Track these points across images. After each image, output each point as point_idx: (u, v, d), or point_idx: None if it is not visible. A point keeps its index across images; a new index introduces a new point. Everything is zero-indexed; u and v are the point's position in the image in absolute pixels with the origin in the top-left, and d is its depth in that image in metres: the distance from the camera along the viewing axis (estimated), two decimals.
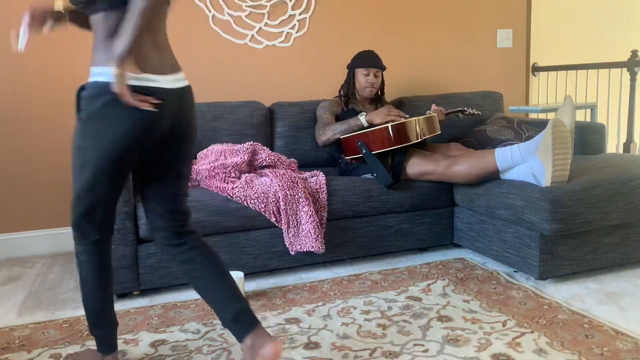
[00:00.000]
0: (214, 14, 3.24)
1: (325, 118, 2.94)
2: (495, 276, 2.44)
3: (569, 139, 2.27)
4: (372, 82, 2.98)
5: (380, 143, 2.64)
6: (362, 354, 1.78)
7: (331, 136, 2.82)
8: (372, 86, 2.98)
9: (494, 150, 2.51)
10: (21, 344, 1.94)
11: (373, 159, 2.65)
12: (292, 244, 2.45)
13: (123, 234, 2.27)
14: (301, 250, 2.45)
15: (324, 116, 2.96)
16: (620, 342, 1.80)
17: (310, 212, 2.43)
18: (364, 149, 2.66)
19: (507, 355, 1.74)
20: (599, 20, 4.49)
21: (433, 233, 2.79)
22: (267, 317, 2.09)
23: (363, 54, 3.00)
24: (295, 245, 2.44)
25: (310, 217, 2.42)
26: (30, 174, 3.03)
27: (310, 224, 2.42)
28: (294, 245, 2.45)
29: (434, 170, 2.65)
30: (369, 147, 2.66)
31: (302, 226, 2.44)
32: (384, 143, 2.64)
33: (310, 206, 2.43)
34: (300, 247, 2.44)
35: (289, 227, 2.44)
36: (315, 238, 2.43)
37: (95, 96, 1.46)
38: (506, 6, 3.90)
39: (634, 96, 3.53)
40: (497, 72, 3.95)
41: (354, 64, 3.01)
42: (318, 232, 2.43)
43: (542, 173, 2.31)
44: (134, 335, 1.98)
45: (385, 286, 2.37)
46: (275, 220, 2.44)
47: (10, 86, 2.94)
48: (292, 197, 2.43)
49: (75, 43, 3.01)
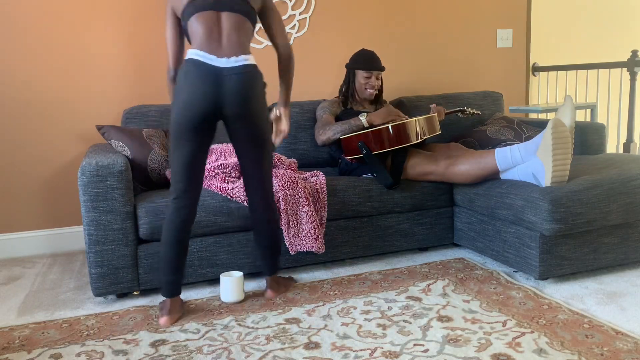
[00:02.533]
0: None
1: (325, 118, 2.94)
2: (495, 276, 2.44)
3: (569, 139, 2.27)
4: (374, 84, 2.98)
5: (381, 143, 2.64)
6: (362, 354, 1.78)
7: (331, 136, 2.82)
8: (374, 89, 2.98)
9: (494, 150, 2.51)
10: (21, 344, 1.94)
11: (373, 159, 2.65)
12: (293, 244, 2.45)
13: (123, 234, 2.27)
14: (301, 250, 2.45)
15: (323, 116, 2.96)
16: (620, 342, 1.80)
17: (310, 212, 2.43)
18: (364, 149, 2.66)
19: (507, 355, 1.74)
20: (599, 20, 4.50)
21: (433, 233, 2.79)
22: (267, 317, 2.09)
23: (364, 56, 2.98)
24: (295, 245, 2.45)
25: (310, 217, 2.42)
26: (30, 174, 3.03)
27: (310, 224, 2.42)
28: (294, 245, 2.45)
29: (434, 170, 2.65)
30: (369, 147, 2.66)
31: (302, 226, 2.44)
32: (384, 143, 2.63)
33: (310, 206, 2.43)
34: (300, 247, 2.44)
35: (289, 227, 2.44)
36: (316, 238, 2.43)
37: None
38: (506, 6, 3.90)
39: (634, 96, 3.53)
40: (497, 72, 3.95)
41: (354, 64, 3.00)
42: (318, 232, 2.43)
43: (542, 173, 2.31)
44: (134, 335, 1.98)
45: (385, 286, 2.37)
46: None
47: (10, 86, 2.95)
48: (292, 197, 2.43)
49: (76, 43, 3.01)
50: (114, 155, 2.35)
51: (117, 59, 3.08)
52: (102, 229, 2.25)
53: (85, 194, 2.22)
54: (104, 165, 2.23)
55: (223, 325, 2.04)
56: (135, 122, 2.86)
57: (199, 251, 2.40)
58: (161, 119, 2.89)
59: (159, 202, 2.34)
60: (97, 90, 3.07)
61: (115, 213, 2.25)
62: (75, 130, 3.07)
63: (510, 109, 3.72)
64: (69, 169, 3.09)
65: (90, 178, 2.21)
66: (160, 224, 2.31)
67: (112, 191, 2.24)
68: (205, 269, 2.43)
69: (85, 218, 2.24)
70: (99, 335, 1.99)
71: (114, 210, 2.25)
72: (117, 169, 2.24)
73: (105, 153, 2.42)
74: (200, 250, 2.40)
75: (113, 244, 2.27)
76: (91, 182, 2.21)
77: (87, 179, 2.21)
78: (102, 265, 2.27)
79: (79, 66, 3.03)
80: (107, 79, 3.08)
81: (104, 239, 2.25)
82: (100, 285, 2.28)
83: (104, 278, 2.28)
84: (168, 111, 2.93)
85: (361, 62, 2.97)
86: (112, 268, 2.28)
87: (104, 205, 2.24)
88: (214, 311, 2.18)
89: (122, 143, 2.53)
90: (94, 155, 2.37)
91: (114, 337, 1.97)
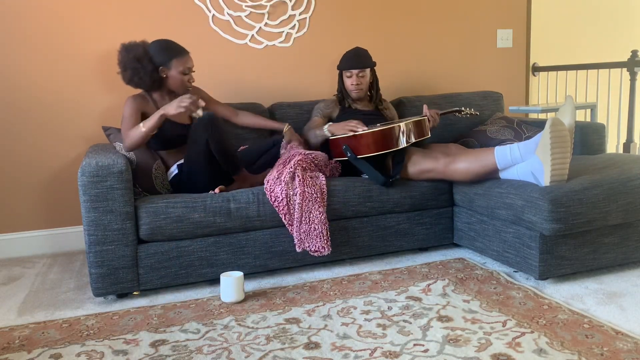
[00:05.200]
0: (214, 14, 3.24)
1: (313, 121, 2.98)
2: (495, 276, 2.44)
3: (568, 138, 2.27)
4: (356, 83, 2.94)
5: (364, 148, 2.64)
6: (362, 354, 1.78)
7: (311, 139, 2.89)
8: (357, 87, 2.95)
9: (494, 149, 2.51)
10: (21, 344, 1.94)
11: (359, 162, 2.66)
12: (302, 241, 2.44)
13: (123, 234, 2.27)
14: (309, 249, 2.45)
15: (313, 118, 2.99)
16: (620, 342, 1.80)
17: (324, 212, 2.46)
18: (349, 152, 2.66)
19: (507, 355, 1.74)
20: (599, 20, 4.50)
21: (433, 233, 2.79)
22: (267, 317, 2.09)
23: (346, 55, 2.96)
24: (304, 242, 2.44)
25: (324, 218, 2.45)
26: (30, 174, 3.03)
27: (323, 225, 2.44)
28: (304, 242, 2.44)
29: (433, 168, 2.65)
30: (354, 150, 2.66)
31: (315, 225, 2.44)
32: (368, 148, 2.64)
33: (324, 207, 2.47)
34: (309, 246, 2.45)
35: (302, 223, 2.43)
36: (326, 239, 2.45)
37: None
38: (506, 6, 3.90)
39: (634, 96, 3.53)
40: (497, 72, 3.95)
41: (339, 65, 2.99)
42: (327, 234, 2.45)
43: (542, 172, 2.31)
44: (134, 335, 1.98)
45: (385, 286, 2.37)
46: (285, 214, 2.44)
47: (10, 86, 2.95)
48: (309, 195, 2.44)
49: (75, 43, 3.01)
50: (114, 156, 2.35)
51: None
52: (102, 229, 2.25)
53: (85, 194, 2.22)
54: (104, 166, 2.23)
55: (223, 325, 2.04)
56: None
57: (199, 251, 2.40)
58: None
59: (160, 202, 2.34)
60: (97, 90, 3.07)
61: (115, 213, 2.25)
62: (75, 131, 3.07)
63: (510, 109, 3.72)
64: (69, 169, 3.09)
65: (91, 178, 2.21)
66: (160, 224, 2.31)
67: (112, 191, 2.24)
68: (205, 269, 2.43)
69: (85, 218, 2.24)
70: (99, 335, 1.99)
71: (114, 210, 2.25)
72: (117, 169, 2.25)
73: (106, 153, 2.42)
74: (200, 250, 2.40)
75: (113, 244, 2.27)
76: (91, 182, 2.21)
77: (87, 179, 2.21)
78: (102, 265, 2.27)
79: (80, 66, 3.03)
80: (108, 79, 3.08)
81: (104, 239, 2.25)
82: (100, 285, 2.28)
83: (104, 278, 2.28)
84: None
85: (343, 62, 2.96)
86: (112, 268, 2.28)
87: (104, 205, 2.24)
88: (214, 311, 2.18)
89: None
90: (94, 156, 2.37)
91: (114, 337, 1.97)
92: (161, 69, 2.59)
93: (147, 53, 2.56)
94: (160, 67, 2.59)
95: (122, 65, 2.55)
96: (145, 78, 2.54)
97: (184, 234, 2.37)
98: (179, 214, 2.34)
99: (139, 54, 2.53)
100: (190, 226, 2.36)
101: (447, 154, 2.69)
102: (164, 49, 2.59)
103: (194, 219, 2.36)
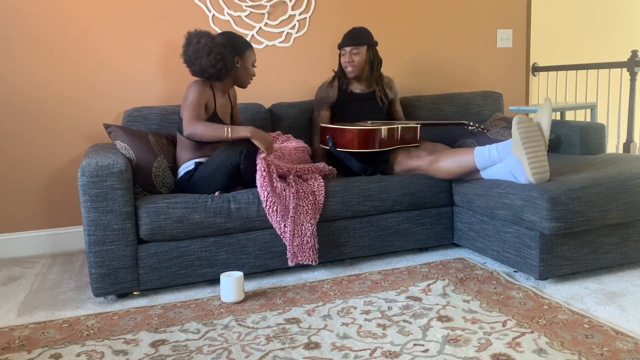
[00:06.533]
0: (214, 14, 3.24)
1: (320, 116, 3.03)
2: (495, 276, 2.44)
3: (538, 132, 2.34)
4: (349, 61, 2.95)
5: (347, 143, 2.74)
6: (362, 354, 1.78)
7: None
8: (351, 65, 2.96)
9: (474, 149, 2.58)
10: (21, 344, 1.94)
11: (338, 152, 2.79)
12: (295, 255, 2.44)
13: (123, 234, 2.27)
14: (302, 262, 2.46)
15: (320, 113, 3.04)
16: (620, 342, 1.80)
17: (315, 226, 2.46)
18: (330, 142, 2.78)
19: (507, 355, 1.74)
20: (599, 20, 4.50)
21: (433, 233, 2.79)
22: (267, 317, 2.09)
23: (344, 34, 3.00)
24: (298, 257, 2.45)
25: (314, 231, 2.46)
26: (30, 174, 3.03)
27: (314, 238, 2.46)
28: (297, 256, 2.45)
29: (418, 167, 2.75)
30: (336, 143, 2.78)
31: (307, 238, 2.44)
32: (350, 143, 2.73)
33: (316, 220, 2.48)
34: (301, 259, 2.46)
35: (294, 236, 2.44)
36: (314, 251, 2.47)
37: None
38: (506, 6, 3.90)
39: (634, 96, 3.53)
40: (497, 72, 3.95)
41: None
42: (316, 246, 2.47)
43: (520, 169, 2.38)
44: (134, 335, 1.98)
45: (385, 286, 2.37)
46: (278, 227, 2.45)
47: (10, 86, 2.95)
48: (301, 209, 2.45)
49: (74, 43, 3.01)
50: (114, 156, 2.35)
51: (119, 60, 3.08)
52: (102, 229, 2.25)
53: (85, 194, 2.22)
54: (104, 166, 2.23)
55: (223, 325, 2.04)
56: (136, 124, 2.86)
57: (199, 251, 2.40)
58: (162, 122, 2.89)
59: (160, 202, 2.34)
60: (98, 90, 3.07)
61: (115, 213, 2.25)
62: (75, 130, 3.07)
63: (510, 109, 3.71)
64: (69, 169, 3.09)
65: (90, 178, 2.21)
66: (160, 224, 2.31)
67: (112, 191, 2.24)
68: (205, 269, 2.43)
69: (85, 218, 2.24)
70: (99, 335, 1.99)
71: (114, 210, 2.25)
72: (117, 169, 2.25)
73: (106, 153, 2.42)
74: (200, 250, 2.40)
75: (113, 244, 2.27)
76: (91, 182, 2.21)
77: (87, 179, 2.21)
78: (102, 265, 2.27)
79: (80, 66, 3.03)
80: (109, 79, 3.08)
81: (104, 239, 2.26)
82: (100, 285, 2.28)
83: (104, 278, 2.28)
84: (169, 113, 2.93)
85: (341, 40, 3.00)
86: (112, 268, 2.28)
87: (104, 205, 2.24)
88: (214, 311, 2.18)
89: (127, 146, 2.52)
90: (94, 156, 2.37)
91: (114, 337, 1.97)
92: (237, 58, 2.65)
93: (229, 41, 2.61)
94: (237, 57, 2.64)
95: (206, 49, 2.50)
96: (228, 65, 2.57)
97: (184, 234, 2.37)
98: (180, 214, 2.34)
99: (224, 41, 2.57)
100: (190, 226, 2.36)
101: (432, 152, 2.78)
102: (239, 40, 2.66)
103: (195, 220, 2.36)
